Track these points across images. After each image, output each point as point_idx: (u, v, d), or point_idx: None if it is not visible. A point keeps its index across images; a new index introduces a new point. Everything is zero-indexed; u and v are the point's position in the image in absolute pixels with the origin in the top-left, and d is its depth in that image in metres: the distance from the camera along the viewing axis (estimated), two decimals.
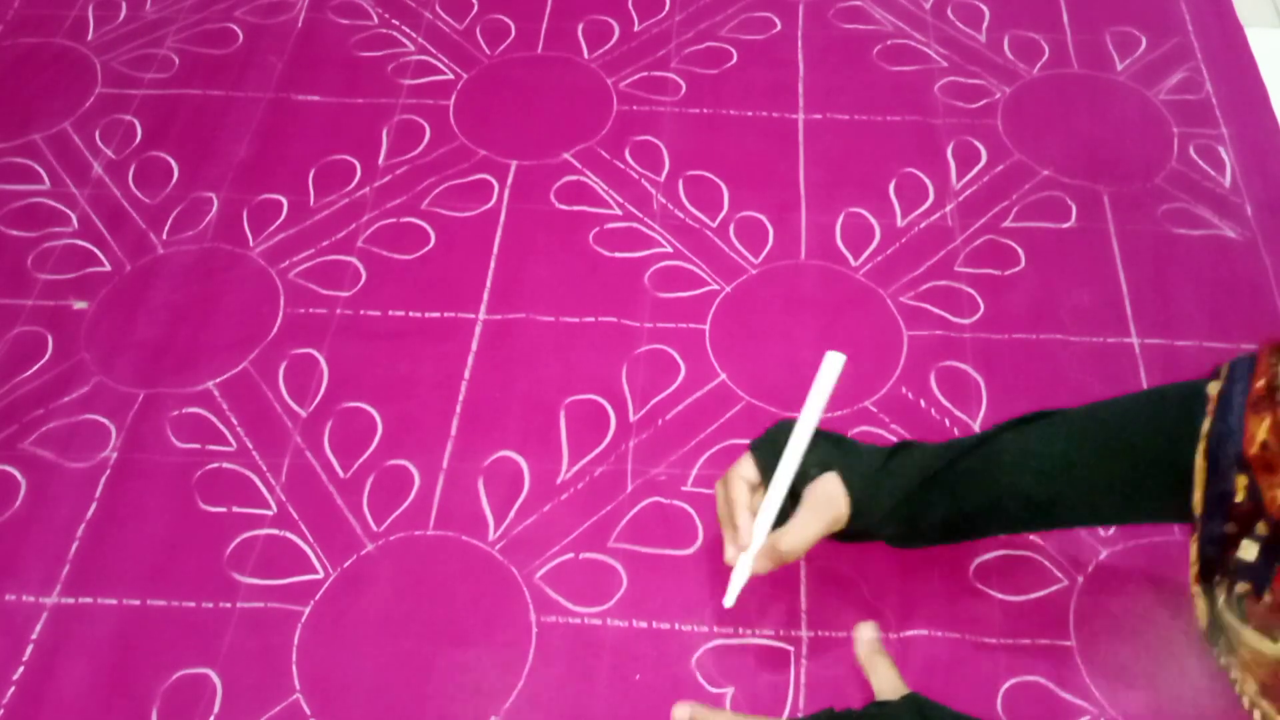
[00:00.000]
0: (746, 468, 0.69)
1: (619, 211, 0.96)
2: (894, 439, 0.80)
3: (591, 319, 0.88)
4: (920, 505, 0.66)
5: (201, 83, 1.07)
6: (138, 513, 0.78)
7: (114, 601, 0.74)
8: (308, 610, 0.73)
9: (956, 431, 0.81)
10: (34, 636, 0.72)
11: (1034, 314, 0.88)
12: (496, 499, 0.78)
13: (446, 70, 1.08)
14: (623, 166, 0.99)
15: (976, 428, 0.81)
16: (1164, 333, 0.87)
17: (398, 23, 1.13)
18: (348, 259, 0.92)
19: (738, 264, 0.92)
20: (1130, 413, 0.62)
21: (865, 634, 0.69)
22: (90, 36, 1.12)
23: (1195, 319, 0.88)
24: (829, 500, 0.66)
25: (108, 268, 0.92)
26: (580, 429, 0.82)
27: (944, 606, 0.73)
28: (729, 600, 0.68)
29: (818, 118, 1.03)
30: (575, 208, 0.96)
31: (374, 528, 0.77)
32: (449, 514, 0.78)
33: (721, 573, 0.74)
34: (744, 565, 0.67)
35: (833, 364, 0.70)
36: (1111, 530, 0.76)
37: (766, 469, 0.68)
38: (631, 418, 0.82)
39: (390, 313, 0.89)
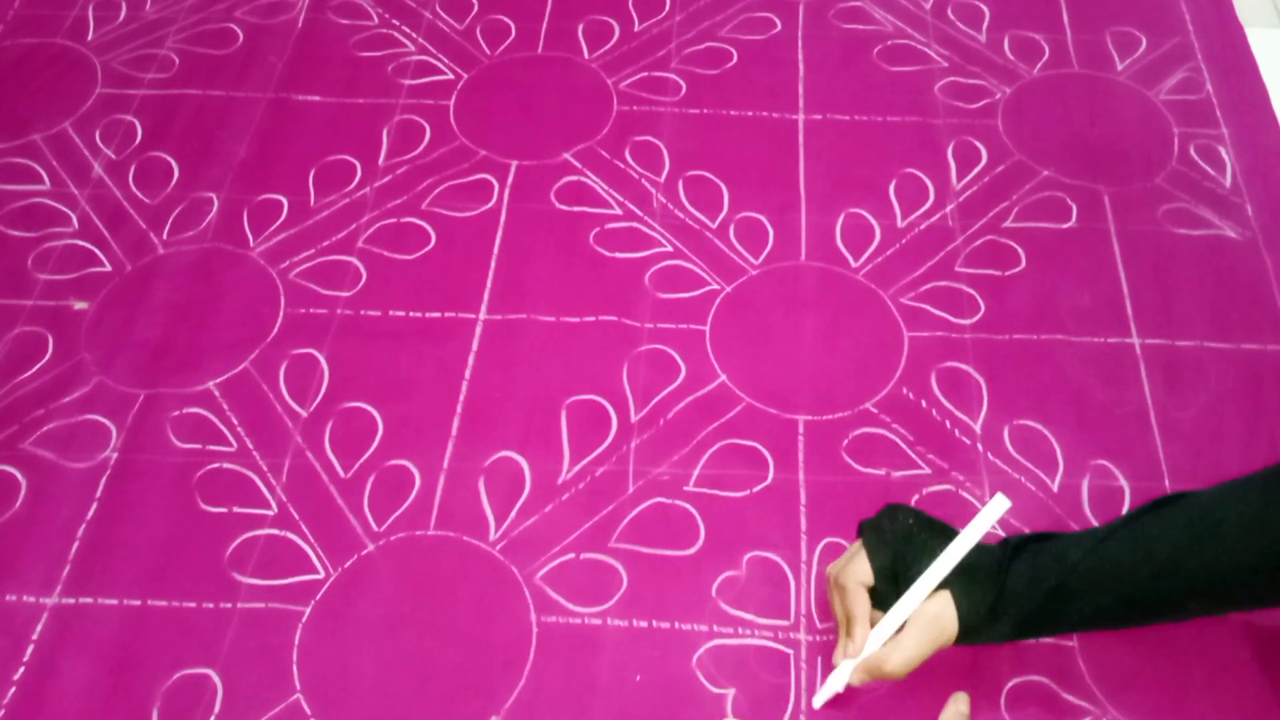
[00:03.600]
0: (863, 572, 0.67)
1: (619, 211, 0.96)
2: (895, 440, 0.81)
3: (592, 319, 0.88)
4: (1030, 627, 0.67)
5: (201, 83, 1.07)
6: (138, 513, 0.78)
7: (114, 602, 0.74)
8: (308, 610, 0.73)
9: (957, 433, 0.81)
10: (35, 637, 0.72)
11: (1035, 314, 0.88)
12: (497, 499, 0.78)
13: (446, 70, 1.08)
14: (623, 166, 0.99)
15: (977, 428, 0.81)
16: (1164, 333, 0.87)
17: (398, 23, 1.13)
18: (348, 259, 0.92)
19: (738, 264, 0.92)
20: (1250, 507, 0.63)
21: (959, 706, 0.66)
22: (90, 36, 1.12)
23: (1196, 319, 0.88)
24: (938, 624, 0.66)
25: (108, 268, 0.92)
26: (581, 429, 0.82)
27: None
28: (819, 701, 0.68)
29: (818, 118, 1.03)
30: (575, 208, 0.96)
31: (375, 528, 0.77)
32: (450, 514, 0.78)
33: (720, 570, 0.74)
34: (844, 672, 0.67)
35: (998, 506, 0.68)
36: None
37: (881, 573, 0.67)
38: (633, 418, 0.82)
39: (391, 313, 0.89)
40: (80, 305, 0.90)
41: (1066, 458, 0.80)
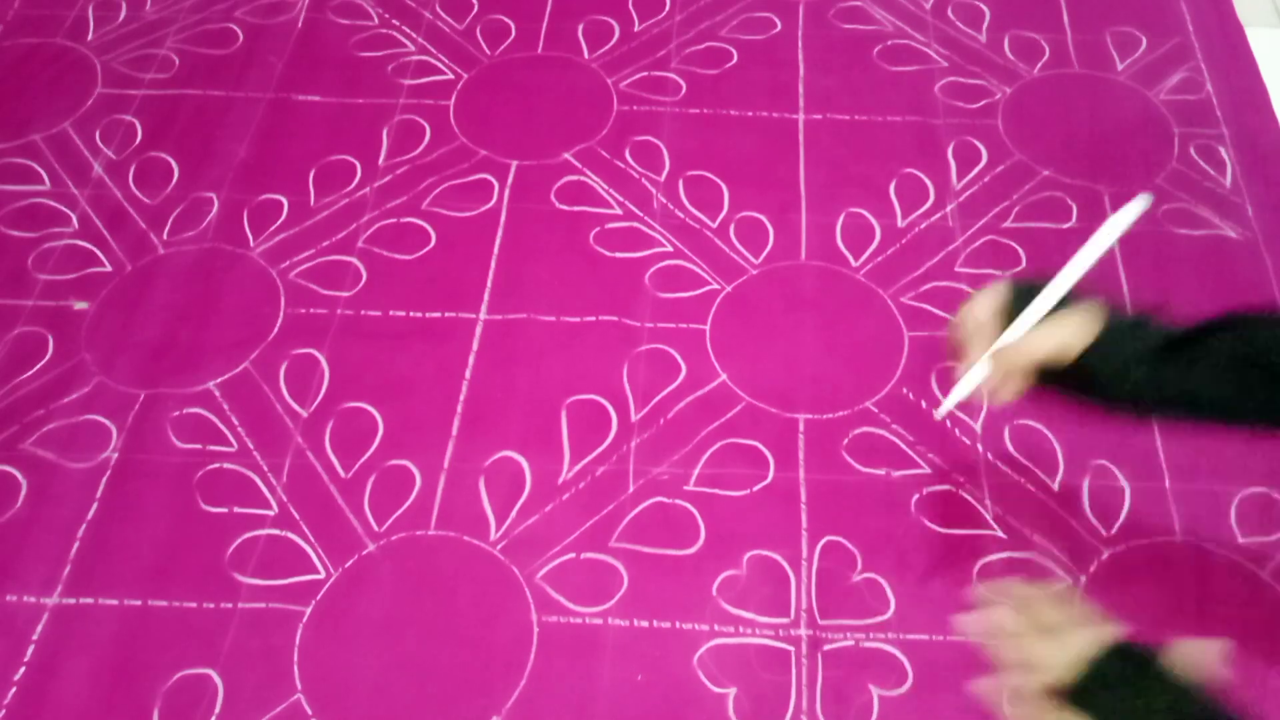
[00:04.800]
0: (999, 292, 0.67)
1: (619, 211, 0.96)
2: (895, 440, 0.81)
3: (592, 319, 0.88)
4: (1166, 363, 0.64)
5: (201, 83, 1.07)
6: (139, 513, 0.78)
7: (115, 602, 0.74)
8: (309, 610, 0.73)
9: (957, 432, 0.81)
10: (35, 637, 0.72)
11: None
12: (498, 499, 0.78)
13: (446, 70, 1.08)
14: (623, 166, 0.99)
15: (977, 428, 0.81)
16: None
17: (398, 23, 1.13)
18: (348, 259, 0.92)
19: (738, 264, 0.92)
20: None
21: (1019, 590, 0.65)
22: (90, 36, 1.12)
23: (1196, 319, 0.87)
24: (1072, 325, 0.65)
25: (108, 268, 0.92)
26: (581, 429, 0.82)
27: (946, 608, 0.73)
28: (941, 411, 0.69)
29: (818, 118, 1.03)
30: (575, 208, 0.96)
31: (375, 528, 0.77)
32: (450, 514, 0.78)
33: (721, 569, 0.74)
34: (975, 373, 0.66)
35: (1137, 205, 0.68)
36: (1114, 530, 0.76)
37: (1019, 299, 0.67)
38: (633, 417, 0.82)
39: (391, 313, 0.89)
40: (80, 305, 0.90)
41: (1067, 458, 0.80)
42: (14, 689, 0.70)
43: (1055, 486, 0.79)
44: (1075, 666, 0.61)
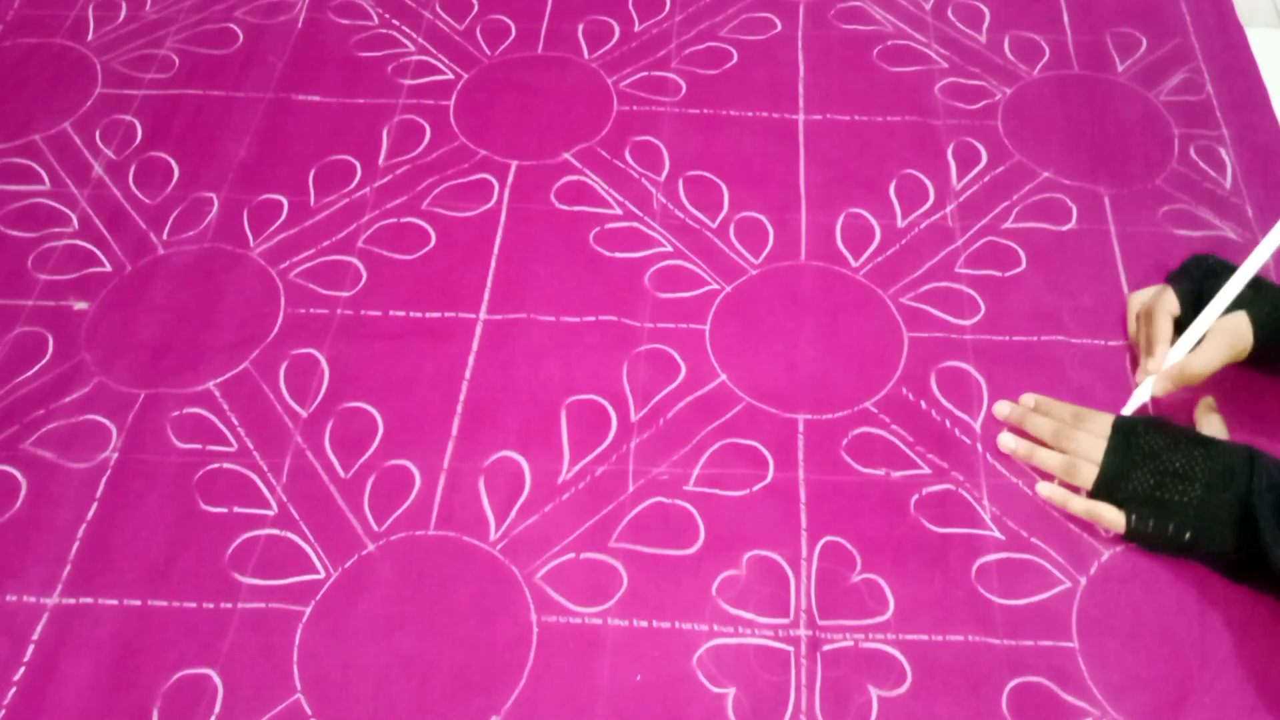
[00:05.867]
0: (1170, 302, 0.80)
1: (619, 211, 0.96)
2: (895, 440, 0.81)
3: (592, 319, 0.88)
4: None
5: (201, 83, 1.07)
6: (138, 513, 0.78)
7: (115, 602, 0.74)
8: (309, 610, 0.73)
9: (957, 432, 0.81)
10: (35, 637, 0.72)
11: (1035, 315, 0.88)
12: (497, 499, 0.78)
13: (446, 70, 1.08)
14: (623, 166, 0.99)
15: (978, 429, 0.81)
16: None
17: (398, 23, 1.13)
18: (348, 259, 0.92)
19: (738, 264, 0.92)
20: None
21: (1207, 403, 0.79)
22: (90, 37, 1.12)
23: None
24: (1235, 333, 0.77)
25: (108, 268, 0.92)
26: (581, 429, 0.82)
27: (946, 609, 0.73)
28: (1129, 411, 0.79)
29: (818, 118, 1.03)
30: (575, 208, 0.96)
31: (375, 528, 0.77)
32: (450, 514, 0.78)
33: (720, 570, 0.74)
34: (1149, 386, 0.79)
35: None
36: (1114, 531, 0.76)
37: (1187, 303, 0.79)
38: (633, 417, 0.82)
39: (391, 313, 0.89)
40: (80, 305, 0.90)
41: None
42: (14, 689, 0.70)
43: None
44: (1106, 454, 0.74)
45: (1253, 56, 1.09)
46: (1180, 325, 0.79)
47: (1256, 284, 0.78)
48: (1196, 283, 0.80)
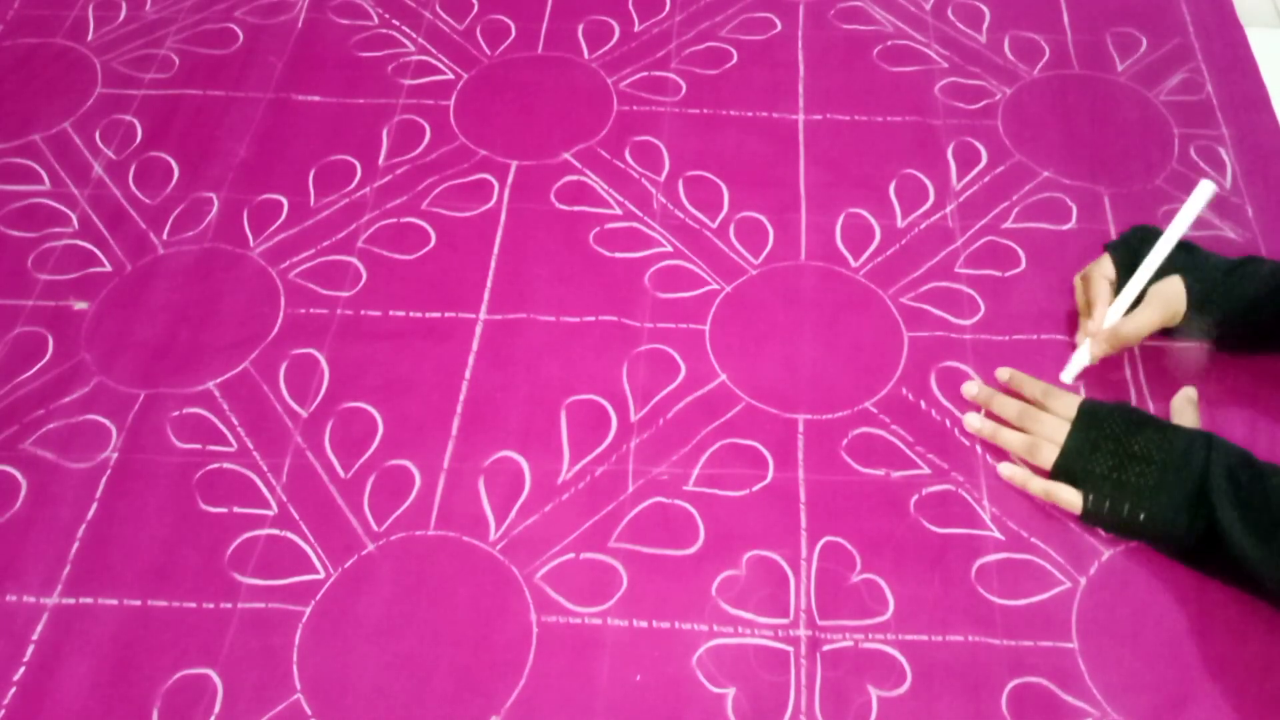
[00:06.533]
0: (1106, 267, 0.83)
1: (619, 211, 0.96)
2: (895, 440, 0.81)
3: (592, 319, 0.88)
4: (1260, 314, 0.78)
5: (201, 83, 1.07)
6: (138, 513, 0.78)
7: (115, 602, 0.74)
8: (309, 610, 0.73)
9: (956, 432, 0.81)
10: (35, 637, 0.72)
11: (1035, 315, 0.88)
12: (497, 499, 0.78)
13: (446, 70, 1.08)
14: (623, 166, 0.99)
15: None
16: (1165, 334, 0.87)
17: (398, 23, 1.13)
18: (348, 259, 0.92)
19: (738, 264, 0.92)
20: None
21: (1188, 393, 0.80)
22: (90, 36, 1.12)
23: None
24: (1170, 298, 0.79)
25: (108, 268, 0.92)
26: (581, 429, 0.82)
27: (945, 610, 0.73)
28: (1068, 375, 0.83)
29: (818, 118, 1.03)
30: (575, 208, 0.96)
31: (375, 528, 0.77)
32: (450, 514, 0.78)
33: (720, 570, 0.74)
34: (1086, 347, 0.82)
35: (1203, 192, 0.79)
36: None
37: (1123, 267, 0.82)
38: (632, 417, 0.82)
39: (391, 313, 0.89)
40: (80, 305, 0.90)
41: None
42: (13, 689, 0.70)
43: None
44: (1069, 435, 0.76)
45: (1253, 56, 1.09)
46: (1118, 290, 0.82)
47: (1190, 250, 0.81)
48: (1133, 250, 0.82)
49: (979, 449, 0.80)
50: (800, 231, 0.94)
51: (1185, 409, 0.79)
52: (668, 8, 1.14)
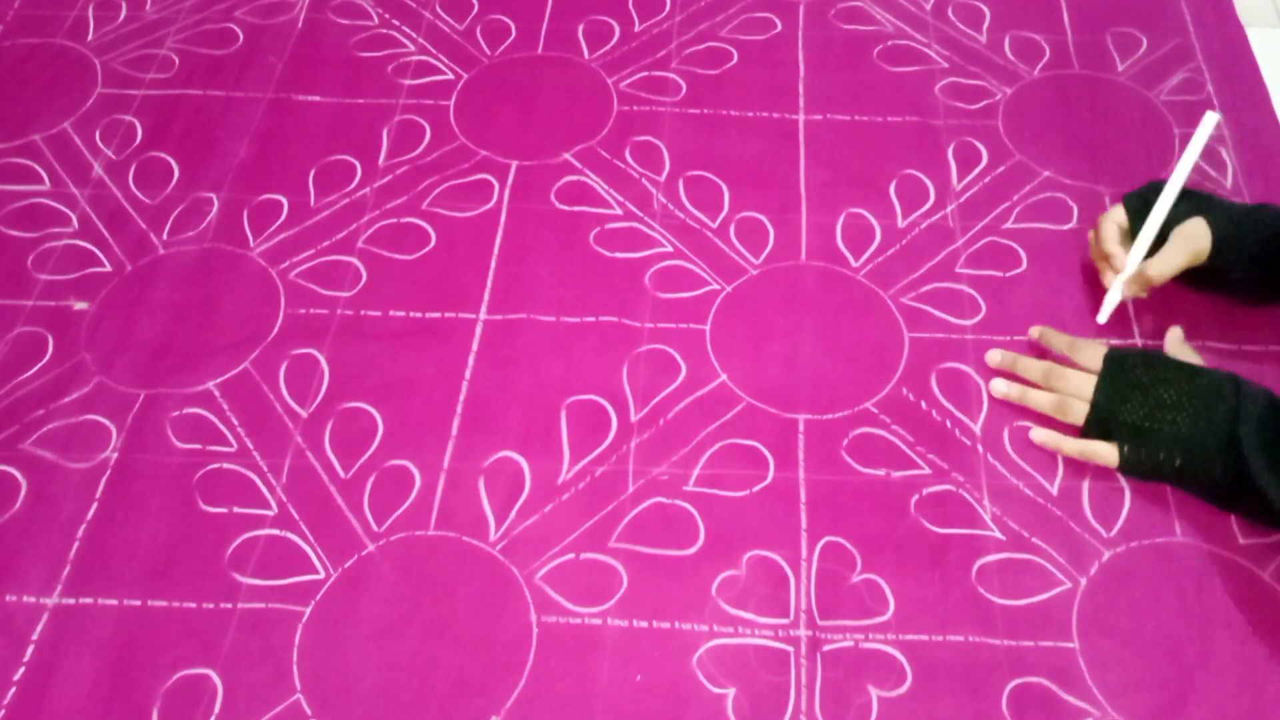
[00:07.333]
0: (1118, 214, 0.85)
1: (619, 211, 0.96)
2: (895, 440, 0.81)
3: (592, 319, 0.88)
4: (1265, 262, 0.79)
5: (201, 83, 1.07)
6: (138, 513, 0.78)
7: (114, 602, 0.74)
8: (308, 611, 0.73)
9: (957, 433, 0.81)
10: (34, 637, 0.72)
11: (1036, 315, 0.88)
12: (497, 499, 0.78)
13: (446, 70, 1.08)
14: (623, 166, 0.99)
15: (978, 430, 0.81)
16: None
17: (398, 23, 1.13)
18: (348, 259, 0.92)
19: (738, 264, 0.92)
20: None
21: (1175, 333, 0.82)
22: (90, 37, 1.12)
23: (1197, 320, 0.88)
24: (1194, 236, 0.81)
25: (108, 268, 0.92)
26: (581, 429, 0.82)
27: (946, 609, 0.73)
28: (1103, 317, 0.85)
29: (818, 118, 1.03)
30: (576, 208, 0.96)
31: (375, 528, 0.77)
32: (450, 514, 0.78)
33: (720, 570, 0.74)
34: (1118, 287, 0.83)
35: (1208, 123, 0.82)
36: (1114, 531, 0.76)
37: (1136, 216, 0.84)
38: (633, 418, 0.82)
39: (391, 313, 0.89)
40: (80, 305, 0.90)
41: (1067, 460, 0.80)
42: (13, 689, 0.70)
43: (1054, 488, 0.78)
44: (1097, 389, 0.77)
45: (1253, 56, 1.09)
46: (1133, 236, 0.84)
47: (1206, 197, 0.84)
48: (1146, 200, 0.84)
49: (980, 449, 0.80)
50: (801, 232, 0.94)
51: (1183, 348, 0.81)
52: (668, 8, 1.14)
